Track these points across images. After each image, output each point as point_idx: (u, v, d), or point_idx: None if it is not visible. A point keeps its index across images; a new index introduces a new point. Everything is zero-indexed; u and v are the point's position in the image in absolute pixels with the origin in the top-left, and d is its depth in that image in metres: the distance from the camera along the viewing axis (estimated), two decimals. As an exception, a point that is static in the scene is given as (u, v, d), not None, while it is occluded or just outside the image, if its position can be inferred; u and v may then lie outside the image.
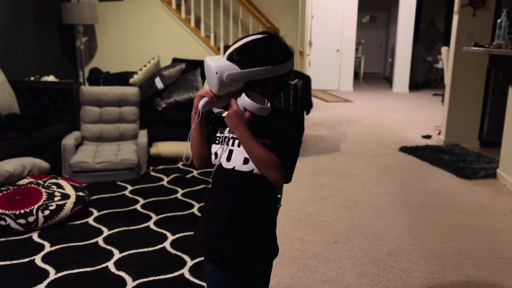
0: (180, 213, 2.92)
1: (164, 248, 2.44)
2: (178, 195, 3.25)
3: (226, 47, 5.21)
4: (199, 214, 2.90)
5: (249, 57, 1.15)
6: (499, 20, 3.37)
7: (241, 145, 1.22)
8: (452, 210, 3.02)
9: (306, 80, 4.60)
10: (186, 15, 5.23)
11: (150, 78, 4.61)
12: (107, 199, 3.16)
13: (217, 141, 1.28)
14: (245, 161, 1.22)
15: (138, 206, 3.03)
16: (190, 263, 2.28)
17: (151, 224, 2.75)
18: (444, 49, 7.61)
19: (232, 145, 1.24)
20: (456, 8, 4.57)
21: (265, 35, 1.19)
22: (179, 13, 5.17)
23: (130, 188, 3.38)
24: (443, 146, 4.61)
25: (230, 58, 1.16)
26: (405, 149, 4.52)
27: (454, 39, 4.61)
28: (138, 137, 3.87)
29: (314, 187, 3.46)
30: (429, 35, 12.44)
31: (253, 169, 1.21)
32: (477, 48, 3.46)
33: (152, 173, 3.75)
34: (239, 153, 1.23)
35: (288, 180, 1.21)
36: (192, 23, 5.16)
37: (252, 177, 1.22)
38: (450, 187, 3.47)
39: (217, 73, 1.12)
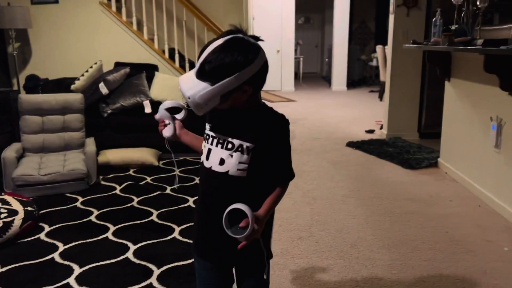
0: (139, 222, 2.83)
1: (127, 258, 2.35)
2: (134, 203, 3.14)
3: (171, 50, 5.13)
4: (159, 222, 2.82)
5: (216, 70, 1.10)
6: (434, 19, 3.60)
7: (218, 145, 1.22)
8: (403, 199, 3.18)
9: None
10: (128, 18, 5.08)
11: (93, 83, 4.43)
12: (57, 212, 2.99)
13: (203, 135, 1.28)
14: (221, 162, 1.21)
15: (92, 218, 2.89)
16: (157, 271, 2.21)
17: (109, 235, 2.64)
18: (378, 47, 8.01)
19: (211, 144, 1.23)
20: (391, 8, 4.82)
21: (226, 38, 1.12)
22: (120, 16, 5.01)
23: (81, 199, 3.22)
24: (387, 139, 4.84)
25: (199, 73, 1.13)
26: (352, 144, 4.69)
27: (391, 37, 4.85)
28: (85, 146, 3.69)
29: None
30: (361, 35, 13.00)
31: (228, 171, 1.20)
32: (416, 46, 3.67)
33: (102, 182, 3.60)
34: (216, 153, 1.23)
35: None
36: (134, 26, 5.02)
37: (228, 178, 1.21)
38: (398, 178, 3.66)
39: (189, 98, 1.12)
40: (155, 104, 4.47)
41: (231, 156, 1.20)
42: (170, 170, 3.91)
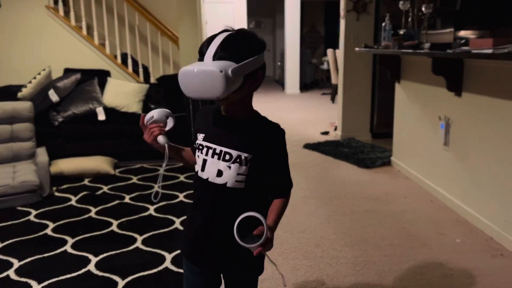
0: (98, 233, 2.74)
1: (89, 271, 2.27)
2: (92, 214, 3.04)
3: (124, 55, 5.01)
4: (120, 232, 2.75)
5: (239, 50, 1.10)
6: (383, 24, 3.76)
7: (215, 156, 1.20)
8: (361, 197, 3.29)
9: (211, 85, 4.62)
10: (77, 22, 4.92)
11: (42, 91, 4.24)
12: (9, 227, 2.83)
13: (194, 146, 1.25)
14: (219, 173, 1.19)
15: (48, 231, 2.77)
16: (122, 283, 2.16)
17: (68, 248, 2.54)
18: (329, 51, 8.22)
19: (206, 154, 1.21)
20: (342, 13, 4.97)
21: (237, 29, 1.15)
22: (68, 21, 4.84)
23: (34, 212, 3.07)
24: (341, 140, 4.98)
25: (218, 56, 1.09)
26: (309, 146, 4.79)
27: (343, 41, 5.01)
28: (36, 156, 3.53)
29: (232, 190, 3.50)
30: (311, 39, 13.32)
31: (226, 183, 1.18)
32: (368, 49, 3.81)
33: (56, 193, 3.45)
34: (213, 164, 1.20)
35: None
36: (84, 31, 4.87)
37: (226, 190, 1.19)
38: (355, 177, 3.77)
39: (221, 71, 1.04)
40: (109, 111, 4.36)
41: (229, 167, 1.18)
42: (127, 179, 3.82)
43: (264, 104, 8.44)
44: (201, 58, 1.13)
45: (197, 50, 1.18)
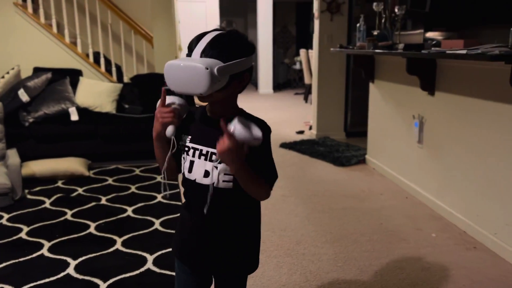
0: (76, 235, 2.68)
1: (68, 275, 2.22)
2: (68, 217, 2.97)
3: (96, 54, 4.91)
4: (98, 234, 2.70)
5: (227, 49, 1.10)
6: (358, 24, 3.83)
7: (201, 157, 1.19)
8: (339, 195, 3.35)
9: (186, 85, 4.59)
10: (46, 20, 4.78)
11: (11, 90, 4.11)
12: (-19, 232, 2.73)
13: (179, 148, 1.24)
14: (206, 174, 1.19)
15: (23, 235, 2.69)
16: (103, 285, 2.12)
17: (44, 251, 2.47)
18: (302, 51, 8.30)
19: (193, 156, 1.21)
20: (316, 13, 5.03)
21: (228, 29, 1.15)
22: (37, 18, 4.70)
23: (6, 216, 2.97)
24: (317, 139, 5.05)
25: (206, 53, 1.09)
26: (285, 145, 4.83)
27: (317, 42, 5.07)
28: (7, 158, 3.42)
29: (211, 190, 3.49)
30: (283, 39, 13.40)
31: (214, 183, 1.18)
32: (343, 50, 3.88)
33: (29, 196, 3.35)
34: (200, 165, 1.19)
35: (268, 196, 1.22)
36: (54, 29, 4.74)
37: (214, 191, 1.18)
38: (331, 175, 3.83)
39: (207, 69, 1.03)
40: (82, 111, 4.27)
41: (216, 168, 1.17)
42: (102, 180, 3.75)
43: (239, 104, 8.43)
44: (189, 54, 1.13)
45: (172, 49, 1.19)
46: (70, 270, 2.26)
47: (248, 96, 9.59)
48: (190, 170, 1.21)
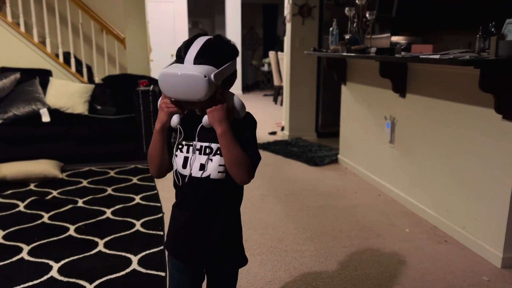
0: (55, 238, 2.64)
1: (52, 278, 2.20)
2: (45, 220, 2.92)
3: (66, 54, 4.82)
4: (79, 236, 2.67)
5: (219, 55, 1.17)
6: (331, 28, 3.95)
7: (196, 152, 1.24)
8: (315, 194, 3.45)
9: (160, 86, 4.57)
10: (14, 19, 4.64)
11: (-22, 91, 3.97)
12: (-46, 237, 2.64)
13: (172, 145, 1.28)
14: (201, 167, 1.24)
15: (-1, 239, 2.63)
16: (90, 287, 2.11)
17: (24, 255, 2.43)
18: (271, 53, 8.41)
19: (187, 152, 1.25)
20: (288, 17, 5.14)
21: (215, 35, 1.22)
22: (4, 17, 4.56)
23: (-21, 220, 2.89)
24: (289, 140, 5.15)
25: (199, 60, 1.14)
26: (259, 146, 4.90)
27: (289, 44, 5.17)
28: (-23, 161, 3.31)
29: (189, 191, 3.51)
30: (250, 41, 13.50)
31: (209, 175, 1.23)
32: (317, 52, 3.99)
33: (0, 200, 3.26)
34: (195, 160, 1.24)
35: (250, 179, 1.26)
36: (22, 28, 4.61)
37: (210, 182, 1.24)
38: (306, 175, 3.93)
39: (205, 77, 1.10)
40: (53, 112, 4.18)
41: (211, 160, 1.23)
42: (77, 182, 3.69)
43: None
44: (179, 60, 1.18)
45: (144, 50, 1.19)
46: (54, 273, 2.23)
47: (217, 97, 9.60)
48: (184, 166, 1.25)
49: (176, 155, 1.27)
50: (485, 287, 2.13)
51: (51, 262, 2.34)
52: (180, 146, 1.26)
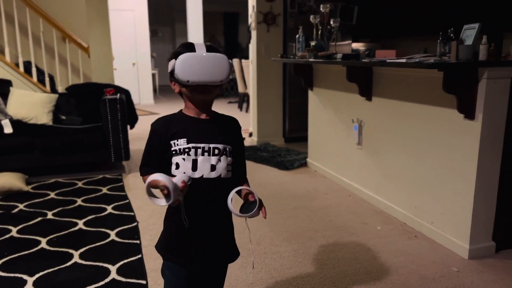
0: (27, 252, 2.56)
1: (28, 292, 2.13)
2: (14, 234, 2.82)
3: (27, 63, 4.68)
4: (52, 249, 2.60)
5: (220, 52, 1.29)
6: (297, 35, 4.06)
7: (205, 154, 1.28)
8: (288, 196, 3.51)
9: (127, 94, 4.53)
10: (-31, 27, 4.47)
11: None
12: None
13: (174, 152, 1.29)
14: (212, 168, 1.28)
15: (-34, 255, 2.51)
16: (69, 299, 2.07)
17: (-5, 271, 2.34)
18: (235, 61, 8.47)
19: (195, 154, 1.27)
20: (253, 25, 5.22)
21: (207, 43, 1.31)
22: (-41, 25, 4.38)
23: None
24: (258, 145, 5.21)
25: (213, 49, 1.28)
26: (228, 152, 4.92)
27: (255, 51, 5.25)
28: None
29: (162, 199, 3.49)
30: (212, 49, 13.54)
31: (220, 175, 1.29)
32: (285, 59, 4.08)
33: (-37, 215, 3.12)
34: (205, 161, 1.28)
35: None
36: (-21, 37, 4.44)
37: (221, 182, 1.29)
38: (278, 179, 4.00)
39: (230, 61, 1.24)
40: (16, 123, 4.05)
41: (220, 160, 1.29)
42: (44, 194, 3.58)
43: (174, 111, 8.39)
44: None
45: (109, 58, 1.18)
46: (29, 287, 2.17)
47: (180, 105, 9.47)
48: (194, 169, 1.27)
49: (183, 159, 1.28)
50: (455, 277, 2.26)
51: (25, 276, 2.27)
52: (187, 150, 1.28)
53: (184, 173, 1.27)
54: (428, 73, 2.61)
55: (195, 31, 10.10)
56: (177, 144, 1.29)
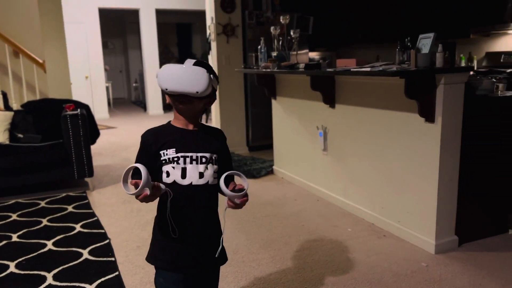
0: (-5, 278, 2.45)
1: (3, 319, 2.05)
2: (-22, 259, 2.68)
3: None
4: (22, 272, 2.50)
5: (209, 68, 1.35)
6: (259, 47, 4.15)
7: (193, 162, 1.33)
8: (259, 204, 3.57)
9: (87, 109, 4.43)
10: None
11: None
12: None
13: (164, 162, 1.32)
14: (200, 176, 1.34)
15: None
16: (49, 322, 2.00)
17: (-37, 300, 2.22)
18: (192, 71, 8.46)
19: (184, 163, 1.32)
20: (213, 36, 5.27)
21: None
22: None
23: None
24: (222, 156, 5.24)
25: (199, 64, 1.34)
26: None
27: (216, 63, 5.30)
28: None
29: (133, 214, 3.44)
30: (166, 60, 13.43)
31: (208, 181, 1.34)
32: (249, 70, 4.15)
33: None
34: (193, 169, 1.34)
35: None
36: None
37: (208, 188, 1.36)
38: (246, 188, 4.04)
39: (208, 73, 1.30)
40: (-31, 144, 3.85)
41: (207, 168, 1.35)
42: (5, 217, 3.43)
43: (131, 126, 8.25)
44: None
45: (66, 72, 1.17)
46: (4, 314, 2.08)
47: (138, 118, 9.41)
48: (183, 176, 1.33)
49: (173, 168, 1.32)
50: (425, 272, 2.40)
51: (-3, 303, 2.18)
52: (176, 159, 1.32)
53: (174, 180, 1.34)
54: (389, 80, 2.76)
55: (149, 42, 9.99)
56: (166, 154, 1.36)
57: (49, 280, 2.40)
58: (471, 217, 2.72)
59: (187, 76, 1.28)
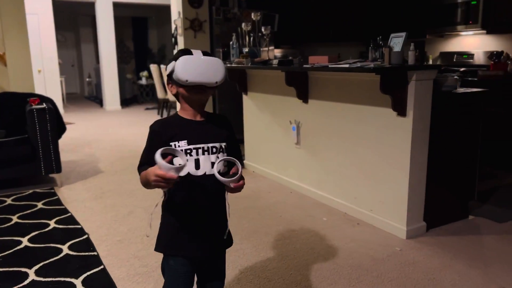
0: (-27, 276, 2.36)
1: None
2: (-51, 258, 2.57)
3: None
4: (2, 270, 2.43)
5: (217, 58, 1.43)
6: (231, 42, 4.21)
7: (205, 153, 1.37)
8: (234, 197, 3.56)
9: (52, 103, 4.30)
10: None
11: None
12: None
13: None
14: (212, 165, 1.39)
15: None
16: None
17: None
18: (153, 66, 8.36)
19: (197, 154, 1.36)
20: (180, 30, 5.26)
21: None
22: None
23: None
24: (191, 151, 5.25)
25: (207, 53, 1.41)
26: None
27: (183, 57, 5.28)
28: None
29: (107, 209, 3.40)
30: (121, 54, 13.11)
31: (219, 170, 1.39)
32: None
33: None
34: (206, 160, 1.39)
35: None
36: None
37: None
38: (219, 182, 4.09)
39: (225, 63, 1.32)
40: None
41: (218, 157, 1.40)
42: (-31, 214, 3.29)
43: (89, 122, 8.03)
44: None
45: (28, 65, 1.17)
46: (-10, 311, 2.03)
47: (95, 113, 9.16)
48: (197, 167, 1.38)
49: (187, 160, 1.36)
50: (400, 256, 2.57)
51: (-20, 301, 2.12)
52: (188, 151, 1.36)
53: (188, 172, 1.38)
54: (362, 77, 2.92)
55: (105, 36, 9.73)
56: (179, 146, 1.38)
57: (32, 276, 2.36)
58: (437, 204, 2.94)
59: (207, 68, 1.34)
